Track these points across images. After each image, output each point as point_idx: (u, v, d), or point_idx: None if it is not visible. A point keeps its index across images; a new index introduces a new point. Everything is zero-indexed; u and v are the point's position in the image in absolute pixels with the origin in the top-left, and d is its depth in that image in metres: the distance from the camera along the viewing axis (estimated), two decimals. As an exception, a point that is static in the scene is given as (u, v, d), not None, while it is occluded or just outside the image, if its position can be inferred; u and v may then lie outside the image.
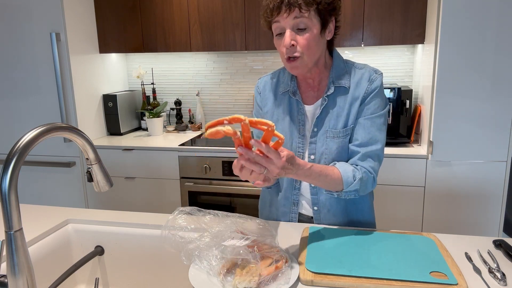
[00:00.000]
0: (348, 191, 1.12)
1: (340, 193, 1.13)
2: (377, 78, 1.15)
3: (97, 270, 1.23)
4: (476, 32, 1.92)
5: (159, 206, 2.57)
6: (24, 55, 2.51)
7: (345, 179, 1.09)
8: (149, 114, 2.78)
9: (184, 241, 0.96)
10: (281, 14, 1.06)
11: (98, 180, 0.95)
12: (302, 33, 1.07)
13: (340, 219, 1.22)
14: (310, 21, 1.06)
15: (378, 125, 1.15)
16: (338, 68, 1.18)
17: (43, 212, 1.32)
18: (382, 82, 1.16)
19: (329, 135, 1.16)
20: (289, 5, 1.04)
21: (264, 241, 0.98)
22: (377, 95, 1.15)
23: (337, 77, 1.17)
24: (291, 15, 1.05)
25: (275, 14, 1.07)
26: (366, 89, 1.14)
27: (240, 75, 2.94)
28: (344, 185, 1.10)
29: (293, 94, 1.20)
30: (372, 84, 1.14)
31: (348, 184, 1.10)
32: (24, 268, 0.75)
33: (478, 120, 2.00)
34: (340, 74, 1.17)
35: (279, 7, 1.05)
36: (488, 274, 0.91)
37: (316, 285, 0.89)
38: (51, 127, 0.79)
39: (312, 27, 1.07)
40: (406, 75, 2.67)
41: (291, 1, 1.04)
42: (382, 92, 1.16)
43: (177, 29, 2.62)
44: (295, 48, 1.08)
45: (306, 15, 1.05)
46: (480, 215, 2.12)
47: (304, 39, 1.07)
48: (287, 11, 1.05)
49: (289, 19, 1.06)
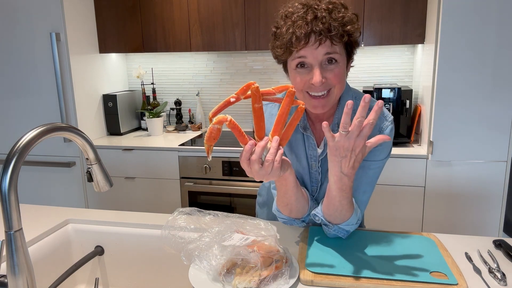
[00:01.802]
0: (343, 228, 1.03)
1: (333, 226, 1.03)
2: (387, 127, 1.06)
3: (97, 270, 1.23)
4: (476, 32, 1.92)
5: (159, 206, 2.57)
6: (24, 55, 2.51)
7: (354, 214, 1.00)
8: (149, 114, 2.78)
9: (184, 241, 0.96)
10: (310, 44, 0.93)
11: (98, 180, 0.95)
12: (331, 67, 0.96)
13: None
14: (340, 55, 0.95)
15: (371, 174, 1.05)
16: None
17: (43, 212, 1.32)
18: (393, 130, 1.08)
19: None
20: (320, 34, 0.91)
21: (264, 241, 0.98)
22: (383, 145, 1.04)
23: None
24: (322, 46, 0.93)
25: (303, 44, 0.93)
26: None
27: (240, 75, 2.94)
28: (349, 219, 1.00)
29: (304, 130, 1.10)
30: (381, 133, 1.05)
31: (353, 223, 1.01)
32: (24, 268, 0.75)
33: (478, 120, 2.00)
34: None
35: (307, 36, 0.92)
36: (488, 274, 0.91)
37: (316, 285, 0.89)
38: (51, 127, 0.79)
39: (341, 61, 0.96)
40: (406, 75, 2.67)
41: (322, 30, 0.91)
42: (390, 142, 1.06)
43: (177, 29, 2.62)
44: (326, 83, 0.96)
45: (338, 47, 0.94)
46: (480, 215, 2.12)
47: (335, 73, 0.96)
48: (317, 41, 0.92)
49: (319, 51, 0.93)
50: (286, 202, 1.05)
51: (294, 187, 1.00)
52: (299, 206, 1.06)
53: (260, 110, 0.83)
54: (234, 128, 0.80)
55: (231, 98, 0.80)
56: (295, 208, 1.06)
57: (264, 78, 2.89)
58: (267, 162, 0.83)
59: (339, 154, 0.86)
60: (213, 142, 0.81)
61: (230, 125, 0.80)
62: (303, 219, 1.10)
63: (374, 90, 2.36)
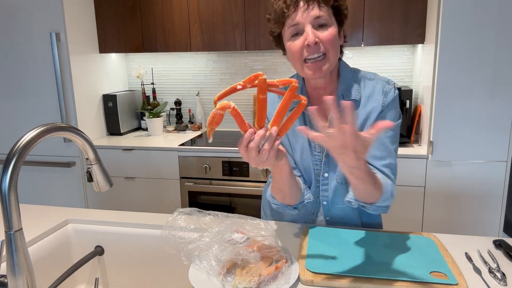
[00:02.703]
0: (381, 205, 1.02)
1: (371, 205, 1.02)
2: (390, 89, 1.10)
3: (97, 270, 1.23)
4: (476, 32, 1.92)
5: (159, 206, 2.57)
6: (24, 55, 2.51)
7: (385, 192, 1.00)
8: (149, 114, 2.78)
9: (184, 241, 0.96)
10: (299, 8, 0.99)
11: (98, 180, 0.95)
12: (323, 29, 1.01)
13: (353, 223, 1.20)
14: (330, 18, 1.01)
15: (391, 137, 1.09)
16: (346, 79, 1.12)
17: (43, 212, 1.32)
18: (397, 92, 1.11)
19: None
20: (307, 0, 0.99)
21: (264, 241, 0.98)
22: (392, 108, 1.09)
23: (346, 89, 1.11)
24: (309, 10, 0.99)
25: (292, 10, 1.00)
26: (383, 102, 1.09)
27: (240, 75, 2.94)
28: (382, 196, 1.00)
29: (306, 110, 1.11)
30: (387, 97, 1.09)
31: (385, 198, 1.01)
32: (24, 268, 0.75)
33: (478, 120, 2.00)
34: (348, 86, 1.11)
35: (296, 2, 0.99)
36: (488, 274, 0.91)
37: (316, 285, 0.89)
38: (51, 127, 0.79)
39: (332, 25, 1.02)
40: (406, 75, 2.67)
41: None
42: (397, 103, 1.11)
43: (177, 29, 2.62)
44: (318, 46, 1.00)
45: (325, 10, 1.00)
46: (480, 215, 2.12)
47: (327, 34, 1.00)
48: (304, 5, 0.99)
49: (309, 15, 0.99)
50: (280, 189, 1.07)
51: (288, 175, 1.02)
52: (292, 193, 1.08)
53: (264, 101, 0.84)
54: (237, 115, 0.82)
55: (238, 85, 0.82)
56: (288, 196, 1.08)
57: (264, 78, 2.89)
58: (264, 151, 0.85)
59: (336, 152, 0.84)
60: (215, 126, 0.83)
61: (233, 112, 0.82)
62: (295, 206, 1.12)
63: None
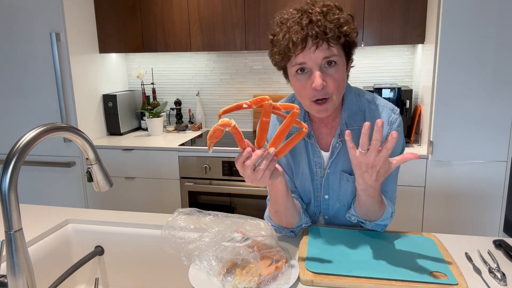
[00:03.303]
0: (379, 223, 1.07)
1: (370, 222, 1.07)
2: (396, 119, 1.08)
3: (97, 270, 1.23)
4: (476, 32, 1.92)
5: (159, 206, 2.57)
6: (24, 55, 2.51)
7: (386, 211, 1.04)
8: (149, 114, 2.78)
9: (184, 241, 0.96)
10: (307, 48, 0.93)
11: (98, 180, 0.95)
12: (331, 71, 0.96)
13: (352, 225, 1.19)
14: (338, 56, 0.96)
15: (394, 172, 1.09)
16: (350, 105, 1.10)
17: (43, 212, 1.32)
18: (402, 122, 1.10)
19: (343, 177, 1.11)
20: (316, 38, 0.92)
21: (264, 241, 0.98)
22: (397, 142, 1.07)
23: (350, 116, 1.09)
24: (319, 49, 0.93)
25: (300, 49, 0.94)
26: (387, 133, 1.07)
27: (240, 75, 2.94)
28: (382, 216, 1.04)
29: (308, 137, 1.11)
30: (392, 127, 1.08)
31: (385, 218, 1.05)
32: (24, 268, 0.75)
33: (478, 120, 2.00)
34: (353, 113, 1.09)
35: (304, 41, 0.92)
36: (488, 274, 0.91)
37: (316, 285, 0.89)
38: (51, 127, 0.79)
39: (340, 63, 0.96)
40: (406, 75, 2.67)
41: (318, 33, 0.91)
42: (402, 133, 1.10)
43: (177, 29, 2.62)
44: (325, 90, 0.96)
45: (335, 50, 0.94)
46: (480, 215, 2.12)
47: (334, 78, 0.96)
48: (314, 45, 0.92)
49: (317, 55, 0.93)
50: (276, 209, 1.07)
51: (284, 195, 1.02)
52: (288, 215, 1.07)
53: (267, 124, 0.86)
54: (236, 133, 0.84)
55: (244, 104, 0.83)
56: (284, 218, 1.08)
57: (264, 78, 2.89)
58: (259, 169, 0.86)
59: (360, 169, 0.91)
60: (215, 140, 0.84)
61: (233, 130, 0.83)
62: (292, 229, 1.12)
63: (374, 90, 2.36)
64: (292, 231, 1.12)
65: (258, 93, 2.91)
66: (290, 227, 1.11)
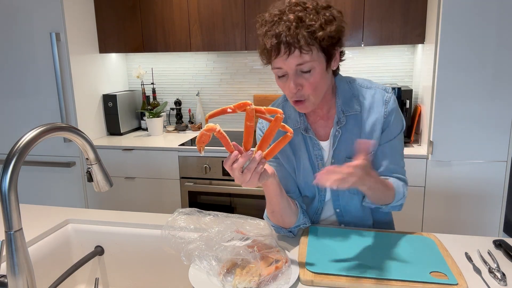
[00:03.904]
0: (395, 205, 1.11)
1: (386, 206, 1.11)
2: (390, 98, 1.10)
3: (97, 270, 1.23)
4: (476, 32, 1.92)
5: (159, 206, 2.57)
6: (24, 55, 2.51)
7: (397, 193, 1.08)
8: (149, 114, 2.78)
9: (184, 241, 0.96)
10: (281, 55, 0.95)
11: (98, 180, 0.95)
12: (306, 75, 0.98)
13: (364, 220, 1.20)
14: (314, 61, 0.96)
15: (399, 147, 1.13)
16: (343, 92, 1.11)
17: (43, 212, 1.32)
18: (396, 99, 1.11)
19: None
20: (288, 46, 0.93)
21: (264, 241, 0.98)
22: (395, 116, 1.10)
23: (345, 103, 1.11)
24: (291, 56, 0.94)
25: (274, 55, 0.97)
26: (384, 113, 1.09)
27: (240, 75, 2.94)
28: (395, 198, 1.08)
29: (305, 131, 1.13)
30: (388, 106, 1.09)
31: (398, 199, 1.09)
32: (24, 268, 0.75)
33: (478, 120, 2.00)
34: (347, 99, 1.11)
35: (277, 48, 0.95)
36: (488, 274, 0.91)
37: (316, 285, 0.89)
38: (51, 127, 0.79)
39: (316, 67, 0.97)
40: (406, 75, 2.67)
41: (290, 41, 0.92)
42: (398, 109, 1.11)
43: (177, 29, 2.62)
44: (301, 92, 1.00)
45: (308, 56, 0.95)
46: (480, 215, 2.12)
47: (310, 83, 0.98)
48: (286, 52, 0.94)
49: (290, 62, 0.95)
50: (272, 209, 1.09)
51: (277, 195, 1.03)
52: (284, 216, 1.09)
53: (251, 128, 0.87)
54: (222, 137, 0.86)
55: (228, 108, 0.84)
56: (281, 218, 1.09)
57: (264, 78, 2.89)
58: (246, 172, 0.87)
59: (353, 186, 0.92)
60: (203, 144, 0.86)
61: (218, 135, 0.85)
62: (290, 229, 1.12)
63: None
64: (291, 231, 1.12)
65: (258, 93, 2.91)
66: (287, 227, 1.11)
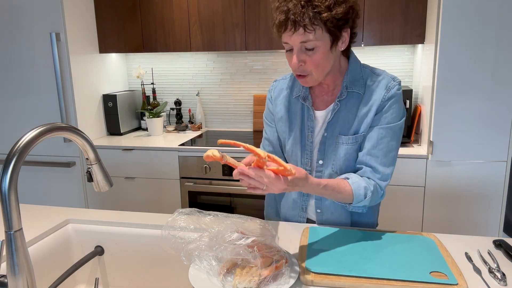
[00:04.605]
0: (356, 206, 1.11)
1: (348, 205, 1.12)
2: (394, 85, 1.11)
3: (97, 270, 1.23)
4: (476, 32, 1.92)
5: (159, 206, 2.57)
6: (24, 55, 2.51)
7: (356, 196, 1.08)
8: (149, 114, 2.78)
9: (184, 242, 0.96)
10: (287, 31, 1.01)
11: (98, 180, 0.95)
12: (310, 52, 1.03)
13: (343, 221, 1.21)
14: (318, 40, 1.01)
15: (393, 136, 1.11)
16: (353, 72, 1.14)
17: (43, 212, 1.32)
18: (401, 90, 1.12)
19: (339, 141, 1.14)
20: (294, 23, 0.99)
21: (264, 241, 0.98)
22: (394, 104, 1.10)
23: (351, 82, 1.13)
24: (296, 33, 1.00)
25: (281, 30, 1.03)
26: (383, 97, 1.10)
27: (240, 75, 2.94)
28: (354, 201, 1.09)
29: (304, 100, 1.17)
30: (389, 92, 1.10)
31: (358, 201, 1.09)
32: (24, 268, 0.75)
33: (478, 120, 2.00)
34: (354, 79, 1.13)
35: (284, 24, 1.01)
36: (488, 274, 0.91)
37: (316, 285, 0.89)
38: (51, 127, 0.79)
39: (320, 46, 1.02)
40: (406, 75, 2.67)
41: (296, 20, 0.98)
42: (400, 100, 1.12)
43: (177, 29, 2.62)
44: (303, 67, 1.05)
45: (312, 35, 1.00)
46: (480, 215, 2.12)
47: (312, 60, 1.03)
48: (291, 29, 1.00)
49: (295, 38, 1.01)
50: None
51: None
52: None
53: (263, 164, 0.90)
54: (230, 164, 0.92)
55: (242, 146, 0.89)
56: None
57: (264, 78, 2.89)
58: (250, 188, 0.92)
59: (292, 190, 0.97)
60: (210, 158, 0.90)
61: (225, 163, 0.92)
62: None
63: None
64: None
65: (258, 93, 2.91)
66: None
